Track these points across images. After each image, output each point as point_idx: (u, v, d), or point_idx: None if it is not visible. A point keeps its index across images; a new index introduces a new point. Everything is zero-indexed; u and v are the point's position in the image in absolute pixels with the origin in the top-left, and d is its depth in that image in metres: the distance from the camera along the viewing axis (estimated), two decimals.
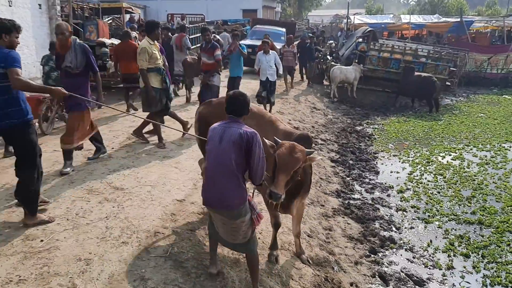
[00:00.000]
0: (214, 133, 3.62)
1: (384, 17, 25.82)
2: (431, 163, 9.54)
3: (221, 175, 3.52)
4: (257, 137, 3.49)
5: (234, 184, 3.52)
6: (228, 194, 3.52)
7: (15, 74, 4.17)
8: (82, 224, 4.65)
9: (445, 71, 16.94)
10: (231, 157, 3.47)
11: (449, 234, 6.38)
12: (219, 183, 3.53)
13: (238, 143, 3.45)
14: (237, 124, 3.57)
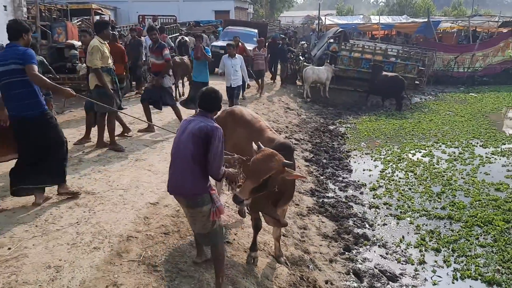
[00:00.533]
0: (182, 125, 3.79)
1: (355, 17, 26.21)
2: (402, 160, 9.72)
3: (179, 164, 3.67)
4: (218, 132, 3.58)
5: (190, 174, 3.62)
6: (184, 182, 3.64)
7: (32, 70, 4.61)
8: (52, 231, 4.54)
9: (414, 70, 17.33)
10: (189, 148, 3.59)
11: (420, 229, 6.51)
12: (177, 171, 3.69)
13: (197, 135, 3.56)
14: (203, 118, 3.69)
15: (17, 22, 4.99)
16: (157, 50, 8.51)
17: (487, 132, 12.15)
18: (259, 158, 3.74)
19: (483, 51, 21.91)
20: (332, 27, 21.69)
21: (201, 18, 25.88)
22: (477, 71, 22.08)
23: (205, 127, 3.58)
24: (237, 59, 10.08)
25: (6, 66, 4.65)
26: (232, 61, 9.99)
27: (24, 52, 4.65)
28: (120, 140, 7.73)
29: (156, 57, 8.54)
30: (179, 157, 3.67)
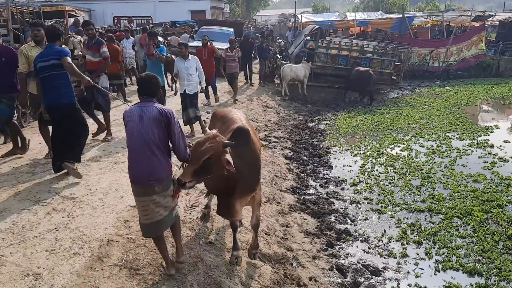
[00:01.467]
0: (132, 114, 3.74)
1: (330, 15, 26.40)
2: (382, 155, 9.82)
3: (148, 151, 3.66)
4: (174, 114, 3.74)
5: (161, 157, 3.70)
6: (157, 167, 3.68)
7: (67, 61, 5.69)
8: (30, 237, 4.43)
9: (390, 65, 17.52)
10: (154, 132, 3.66)
11: (401, 223, 6.59)
12: (147, 159, 3.67)
13: (158, 118, 3.66)
14: (152, 103, 3.77)
15: (55, 27, 6.23)
16: (93, 46, 7.85)
17: (463, 124, 12.38)
18: (200, 140, 3.81)
19: (457, 45, 22.29)
20: (308, 25, 21.78)
21: (177, 19, 25.66)
22: (452, 65, 22.46)
23: (163, 110, 3.70)
24: (190, 61, 8.57)
25: (46, 62, 5.68)
26: (185, 63, 8.52)
27: (61, 50, 5.86)
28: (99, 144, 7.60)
29: (93, 54, 7.86)
30: (147, 144, 3.65)
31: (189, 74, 8.53)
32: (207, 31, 17.78)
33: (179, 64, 8.57)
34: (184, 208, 5.65)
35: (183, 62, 8.53)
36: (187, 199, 5.94)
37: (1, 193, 5.47)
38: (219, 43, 16.05)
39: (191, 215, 5.51)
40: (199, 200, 5.99)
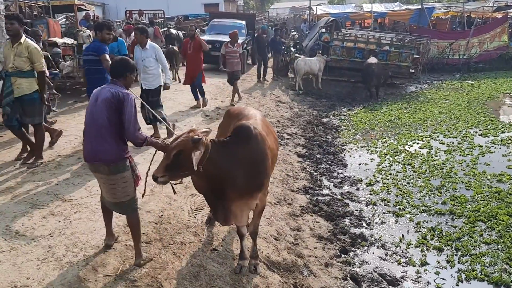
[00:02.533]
0: (93, 95, 3.87)
1: (346, 6, 25.77)
2: (399, 152, 9.37)
3: (96, 132, 3.73)
4: (129, 97, 3.73)
5: (109, 140, 3.72)
6: (103, 149, 3.71)
7: (104, 58, 6.17)
8: (22, 244, 4.17)
9: (408, 58, 16.92)
10: (105, 115, 3.68)
11: (421, 227, 6.17)
12: (95, 139, 3.74)
13: (110, 100, 3.68)
14: (113, 86, 3.81)
15: (104, 22, 6.81)
16: None
17: (486, 120, 11.81)
18: (176, 136, 3.64)
19: (479, 37, 21.52)
20: (323, 17, 21.25)
21: (190, 12, 25.37)
22: (473, 58, 21.70)
23: (117, 93, 3.71)
24: (148, 50, 7.33)
25: (85, 56, 6.53)
26: (142, 53, 7.33)
27: (99, 46, 6.36)
28: None
29: None
30: (96, 125, 3.73)
31: (146, 66, 7.32)
32: (218, 24, 17.48)
33: (136, 53, 7.46)
34: (188, 211, 5.34)
35: (140, 51, 7.39)
36: (191, 201, 5.63)
37: None
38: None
39: (195, 218, 5.20)
40: (204, 202, 5.67)
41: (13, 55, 5.86)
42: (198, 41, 10.07)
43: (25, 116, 6.09)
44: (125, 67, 3.89)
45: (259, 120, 4.36)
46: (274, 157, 4.29)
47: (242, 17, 19.59)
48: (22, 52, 5.83)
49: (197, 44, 10.07)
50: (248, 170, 3.78)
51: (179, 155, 3.45)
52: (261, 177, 3.92)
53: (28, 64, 5.90)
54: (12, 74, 5.95)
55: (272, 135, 4.45)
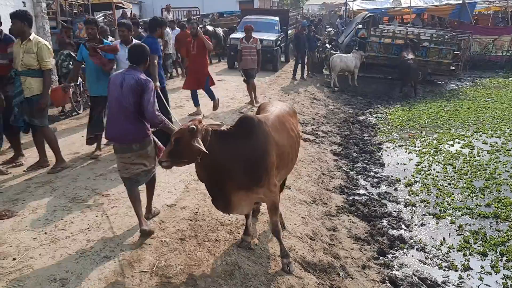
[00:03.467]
0: (116, 79, 4.23)
1: (384, 2, 25.14)
2: (439, 152, 9.05)
3: (124, 116, 4.17)
4: (150, 84, 4.19)
5: (136, 122, 4.20)
6: (132, 130, 4.19)
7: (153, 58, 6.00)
8: (61, 238, 4.23)
9: (449, 55, 16.34)
10: (130, 100, 4.13)
11: (463, 230, 5.92)
12: (124, 122, 4.18)
13: (135, 88, 4.12)
14: (134, 72, 4.21)
15: (155, 19, 6.78)
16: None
17: None
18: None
19: None
20: (360, 13, 20.82)
21: (225, 9, 25.40)
22: None
23: (140, 80, 4.14)
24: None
25: None
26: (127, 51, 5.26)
27: (151, 43, 5.91)
28: None
29: (1, 56, 5.95)
30: (123, 109, 4.15)
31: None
32: (250, 21, 16.60)
33: (121, 52, 6.35)
34: None
35: (124, 49, 6.14)
36: None
37: (38, 189, 5.35)
38: (263, 33, 15.37)
39: (230, 216, 5.14)
40: None
41: (22, 52, 5.63)
42: (202, 39, 8.83)
43: (33, 117, 5.75)
44: (142, 54, 4.33)
45: (274, 115, 4.31)
46: (284, 154, 4.17)
47: (275, 13, 19.01)
48: (31, 49, 5.60)
49: (200, 43, 8.82)
50: (245, 164, 3.78)
51: (178, 142, 3.61)
52: (258, 172, 3.84)
53: (37, 62, 5.65)
54: (22, 73, 5.69)
55: (287, 132, 4.32)
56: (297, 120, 4.92)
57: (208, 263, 4.11)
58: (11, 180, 5.67)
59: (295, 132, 4.52)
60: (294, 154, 4.51)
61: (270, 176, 3.93)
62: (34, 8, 10.30)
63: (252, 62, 10.31)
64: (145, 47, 4.38)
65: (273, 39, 15.58)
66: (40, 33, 10.19)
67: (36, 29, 10.32)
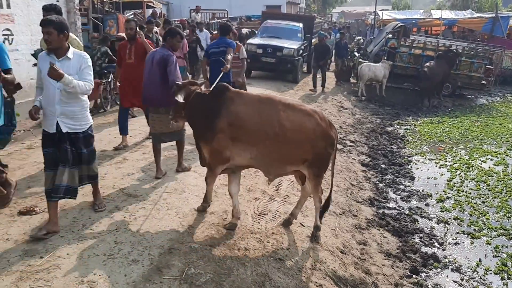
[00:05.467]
0: (149, 58, 5.55)
1: (414, 12, 24.76)
2: (472, 168, 8.75)
3: (155, 86, 5.39)
4: (171, 57, 5.34)
5: (164, 91, 5.21)
6: (161, 97, 5.31)
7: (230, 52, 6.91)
8: (89, 238, 4.13)
9: (480, 69, 15.94)
10: (157, 72, 5.35)
11: (500, 252, 5.66)
12: (154, 91, 5.40)
13: (160, 62, 5.33)
14: (163, 50, 5.47)
15: (227, 24, 7.55)
16: None
17: None
18: None
19: None
20: (389, 22, 20.52)
21: (253, 13, 25.35)
22: None
23: (164, 55, 5.34)
24: (71, 61, 4.07)
25: (217, 48, 6.96)
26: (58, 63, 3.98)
27: (230, 42, 7.04)
28: None
29: None
30: (155, 80, 5.36)
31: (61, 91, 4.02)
32: (271, 26, 15.56)
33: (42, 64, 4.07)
34: (252, 216, 5.15)
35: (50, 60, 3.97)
36: (255, 205, 5.45)
37: None
38: (285, 40, 14.38)
39: (259, 224, 4.99)
40: (268, 207, 5.47)
41: None
42: (142, 44, 6.68)
43: None
44: (176, 34, 5.52)
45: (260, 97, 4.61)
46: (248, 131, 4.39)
47: (299, 20, 17.36)
48: None
49: (140, 49, 6.66)
50: (204, 121, 4.47)
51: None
52: (207, 130, 4.42)
53: None
54: None
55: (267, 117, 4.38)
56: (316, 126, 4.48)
57: (238, 273, 3.96)
58: (40, 176, 5.62)
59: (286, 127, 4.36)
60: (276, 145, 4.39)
61: (215, 139, 4.38)
62: (67, 4, 10.34)
63: (238, 74, 8.17)
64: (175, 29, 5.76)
65: (295, 47, 14.16)
66: (72, 29, 10.22)
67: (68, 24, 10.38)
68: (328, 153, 4.60)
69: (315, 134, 4.45)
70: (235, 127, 4.35)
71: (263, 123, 4.36)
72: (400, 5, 49.52)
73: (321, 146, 4.50)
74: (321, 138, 4.48)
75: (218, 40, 7.15)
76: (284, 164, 4.57)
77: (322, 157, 4.57)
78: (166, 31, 5.87)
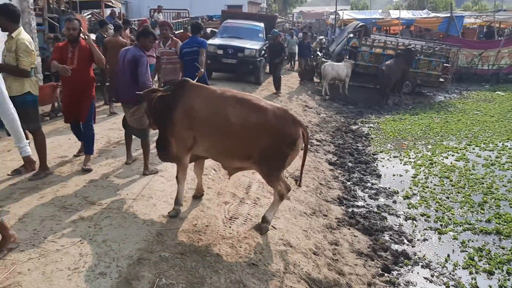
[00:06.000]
0: (121, 55, 5.70)
1: (373, 12, 25.26)
2: (435, 164, 8.95)
3: (126, 82, 5.55)
4: (142, 58, 5.45)
5: (133, 90, 5.16)
6: (130, 93, 5.20)
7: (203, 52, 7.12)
8: (51, 251, 3.89)
9: (438, 67, 16.44)
10: (127, 71, 5.53)
11: (466, 246, 5.76)
12: (125, 87, 5.56)
13: (131, 61, 5.48)
14: (135, 49, 5.59)
15: (198, 23, 7.72)
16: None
17: None
18: None
19: (509, 48, 20.88)
20: (350, 22, 20.82)
21: (214, 13, 25.15)
22: (502, 69, 21.08)
23: (135, 56, 5.45)
24: None
25: (190, 48, 7.12)
26: None
27: (202, 41, 7.30)
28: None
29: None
30: (125, 78, 5.55)
31: None
32: (231, 26, 15.10)
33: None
34: (223, 220, 5.03)
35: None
36: (225, 209, 5.32)
37: (24, 196, 4.98)
38: (246, 41, 13.95)
39: (230, 228, 4.88)
40: (239, 210, 5.36)
41: (5, 50, 5.16)
42: (87, 47, 5.77)
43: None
44: (148, 34, 5.60)
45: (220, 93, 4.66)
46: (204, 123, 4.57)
47: (260, 19, 17.02)
48: (12, 47, 5.08)
49: (85, 54, 5.76)
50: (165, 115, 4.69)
51: None
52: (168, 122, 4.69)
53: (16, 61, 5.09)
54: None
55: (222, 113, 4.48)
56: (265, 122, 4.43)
57: (212, 281, 3.84)
58: None
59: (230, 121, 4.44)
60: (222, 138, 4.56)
61: (175, 130, 4.65)
62: (20, 3, 9.85)
63: (174, 72, 7.63)
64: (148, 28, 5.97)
65: (256, 48, 13.64)
66: (26, 29, 9.74)
67: (21, 24, 9.89)
68: (282, 152, 4.45)
69: (262, 130, 4.39)
70: (189, 118, 4.57)
71: (212, 116, 4.53)
72: (359, 5, 50.52)
73: (270, 144, 4.40)
74: (270, 135, 4.39)
75: (190, 39, 7.26)
76: (230, 158, 4.71)
77: (271, 155, 4.46)
78: (139, 30, 5.94)
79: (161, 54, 7.77)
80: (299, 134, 4.49)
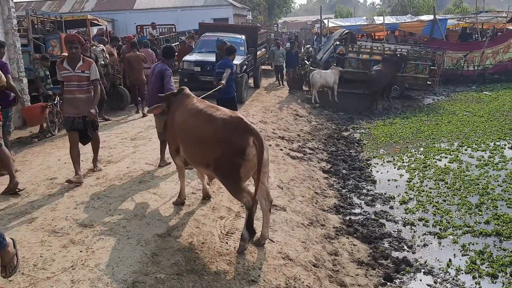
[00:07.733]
0: (152, 69, 6.81)
1: (358, 19, 25.44)
2: (429, 167, 8.90)
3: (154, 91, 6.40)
4: (167, 71, 6.51)
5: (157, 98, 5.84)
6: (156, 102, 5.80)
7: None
8: (42, 279, 3.74)
9: (425, 70, 16.54)
10: (158, 82, 6.48)
11: (467, 250, 5.68)
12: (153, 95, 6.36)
13: (158, 74, 6.49)
14: (162, 64, 6.65)
15: (232, 46, 8.03)
16: None
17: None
18: None
19: (493, 48, 21.09)
20: (335, 30, 20.91)
21: None
22: (488, 69, 21.27)
23: (161, 69, 6.49)
24: None
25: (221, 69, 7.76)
26: None
27: (232, 64, 7.92)
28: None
29: None
30: (154, 86, 6.56)
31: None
32: (209, 40, 13.73)
33: None
34: (219, 236, 4.89)
35: None
36: (221, 224, 5.19)
37: (12, 220, 4.82)
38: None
39: (227, 244, 4.74)
40: (235, 225, 5.23)
41: None
42: None
43: None
44: (172, 52, 7.04)
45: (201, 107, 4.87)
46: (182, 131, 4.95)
47: (241, 31, 15.61)
48: None
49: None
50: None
51: None
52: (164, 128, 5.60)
53: None
54: None
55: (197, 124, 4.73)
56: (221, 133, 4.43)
57: None
58: None
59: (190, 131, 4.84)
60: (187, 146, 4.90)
61: (167, 133, 5.45)
62: (4, 25, 9.75)
63: (84, 103, 5.96)
64: (172, 47, 7.39)
65: (237, 63, 11.89)
66: (11, 51, 9.64)
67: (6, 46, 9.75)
68: (233, 162, 4.26)
69: (212, 140, 4.44)
70: (171, 124, 5.18)
71: (182, 125, 4.94)
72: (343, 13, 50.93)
73: (222, 153, 4.34)
74: (220, 144, 4.36)
75: (223, 62, 7.82)
76: (196, 164, 5.05)
77: (224, 164, 4.36)
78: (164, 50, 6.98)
79: (65, 78, 5.93)
80: (247, 143, 4.24)
